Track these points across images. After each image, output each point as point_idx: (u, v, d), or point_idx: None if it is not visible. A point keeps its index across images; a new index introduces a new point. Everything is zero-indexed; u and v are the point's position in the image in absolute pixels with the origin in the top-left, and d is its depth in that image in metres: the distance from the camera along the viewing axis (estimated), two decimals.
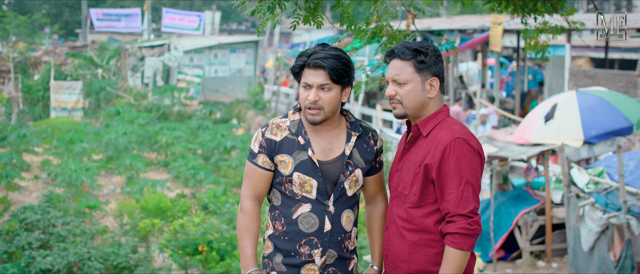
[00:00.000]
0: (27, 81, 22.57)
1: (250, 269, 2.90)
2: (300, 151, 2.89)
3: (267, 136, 2.92)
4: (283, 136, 2.91)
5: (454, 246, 2.70)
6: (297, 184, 2.88)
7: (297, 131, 2.91)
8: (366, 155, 2.98)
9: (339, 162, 2.91)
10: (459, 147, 2.71)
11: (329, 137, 2.94)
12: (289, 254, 2.90)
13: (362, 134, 2.98)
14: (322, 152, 2.91)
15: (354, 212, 2.98)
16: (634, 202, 6.60)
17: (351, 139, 2.95)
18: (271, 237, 2.96)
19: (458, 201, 2.70)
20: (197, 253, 8.69)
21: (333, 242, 2.91)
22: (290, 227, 2.90)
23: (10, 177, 12.51)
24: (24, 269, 8.23)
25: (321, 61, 2.81)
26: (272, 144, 2.90)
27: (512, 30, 15.10)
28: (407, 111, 2.84)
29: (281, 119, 2.96)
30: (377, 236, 3.07)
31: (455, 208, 2.70)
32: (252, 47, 25.63)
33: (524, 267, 8.70)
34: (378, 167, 3.05)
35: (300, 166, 2.87)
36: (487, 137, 10.01)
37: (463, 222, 2.69)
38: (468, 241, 2.69)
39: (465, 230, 2.68)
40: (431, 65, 2.81)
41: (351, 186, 2.93)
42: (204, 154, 15.17)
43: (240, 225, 2.94)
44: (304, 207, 2.89)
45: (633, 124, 9.11)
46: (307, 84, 2.85)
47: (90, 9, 31.59)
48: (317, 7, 3.53)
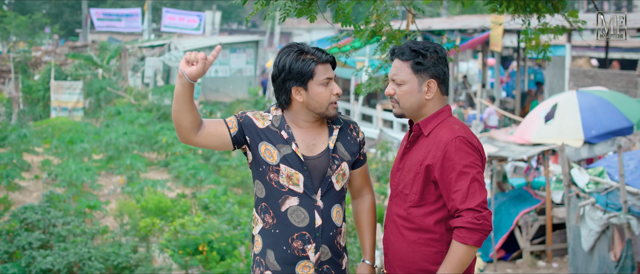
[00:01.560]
0: (27, 81, 22.57)
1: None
2: (283, 145, 2.87)
3: (248, 115, 2.91)
4: (265, 125, 2.90)
5: (458, 239, 2.65)
6: (284, 175, 2.85)
7: (280, 126, 2.90)
8: (350, 147, 2.97)
9: (324, 157, 2.90)
10: (460, 145, 2.71)
11: (312, 133, 2.92)
12: (281, 249, 2.86)
13: (343, 126, 2.98)
14: (307, 147, 2.90)
15: (342, 207, 2.96)
16: (634, 202, 6.60)
17: (333, 133, 2.94)
18: (262, 232, 2.91)
19: (465, 197, 2.66)
20: (197, 253, 8.68)
21: (325, 238, 2.88)
22: (280, 220, 2.87)
23: (10, 177, 12.51)
24: (24, 269, 8.23)
25: (327, 55, 2.88)
26: (250, 123, 2.89)
27: (513, 30, 15.11)
28: (404, 111, 2.85)
29: (264, 112, 2.95)
30: (367, 229, 3.04)
31: (462, 204, 2.66)
32: (252, 47, 25.63)
33: (524, 267, 8.70)
34: (362, 160, 3.04)
35: (286, 159, 2.85)
36: (487, 137, 10.02)
37: (470, 216, 2.64)
38: (474, 235, 2.63)
39: (472, 224, 2.63)
40: (430, 66, 2.80)
41: (338, 179, 2.92)
42: (205, 154, 15.17)
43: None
44: (292, 200, 2.86)
45: (633, 124, 9.11)
46: (329, 79, 2.86)
47: (91, 9, 31.59)
48: (312, 1, 3.51)
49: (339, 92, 2.87)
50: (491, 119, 13.68)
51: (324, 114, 2.88)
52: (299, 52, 2.85)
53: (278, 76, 2.87)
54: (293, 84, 2.85)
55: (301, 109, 2.90)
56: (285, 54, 2.86)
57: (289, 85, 2.86)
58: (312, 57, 2.84)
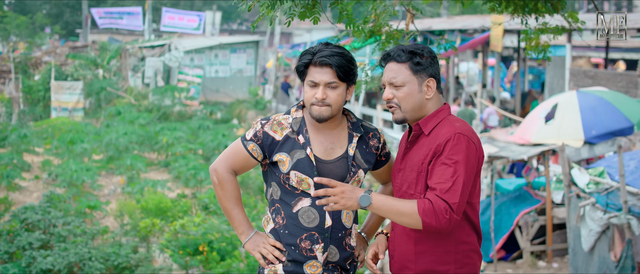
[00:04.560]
0: (27, 81, 22.58)
1: (251, 233, 2.96)
2: (298, 150, 2.88)
3: (266, 130, 2.91)
4: (284, 134, 2.90)
5: (420, 207, 2.61)
6: (294, 181, 2.88)
7: (299, 129, 2.91)
8: (366, 156, 2.99)
9: (342, 162, 2.92)
10: (459, 141, 2.70)
11: (331, 137, 2.94)
12: (290, 249, 2.90)
13: (363, 135, 2.99)
14: (325, 151, 2.91)
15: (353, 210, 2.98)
16: (634, 203, 6.59)
17: (353, 140, 2.95)
18: (272, 232, 2.96)
19: (447, 189, 2.63)
20: (197, 253, 8.69)
21: (334, 238, 2.91)
22: (290, 220, 2.90)
23: (10, 177, 12.52)
24: (24, 270, 8.23)
25: (328, 59, 2.82)
26: (269, 140, 2.90)
27: (513, 31, 15.09)
28: (406, 114, 2.82)
29: (283, 116, 2.95)
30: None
31: (442, 194, 2.63)
32: (252, 47, 25.63)
33: (524, 267, 8.69)
34: (384, 160, 3.07)
35: (297, 165, 2.87)
36: (487, 137, 10.01)
37: (443, 204, 2.61)
38: (432, 221, 2.61)
39: (441, 214, 2.60)
40: (427, 66, 2.80)
41: (353, 185, 2.92)
42: (205, 155, 15.17)
43: (228, 193, 2.95)
44: (304, 201, 2.89)
45: (634, 124, 9.11)
46: (314, 82, 2.85)
47: (92, 9, 31.65)
48: (315, 4, 3.52)
49: (319, 98, 2.83)
50: (491, 119, 13.68)
51: (310, 113, 2.90)
52: (309, 49, 2.90)
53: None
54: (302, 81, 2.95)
55: None
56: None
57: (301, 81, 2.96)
58: (310, 56, 2.87)
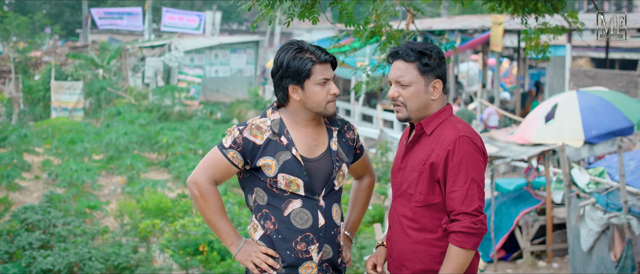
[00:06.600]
0: (27, 81, 22.58)
1: (241, 243, 2.89)
2: (283, 151, 2.85)
3: (246, 135, 2.85)
4: (265, 138, 2.86)
5: (457, 244, 2.68)
6: (283, 184, 2.84)
7: (280, 131, 2.87)
8: (346, 149, 2.99)
9: (326, 158, 2.90)
10: (463, 145, 2.71)
11: (312, 134, 2.92)
12: (285, 253, 2.86)
13: (340, 128, 2.99)
14: (309, 149, 2.89)
15: (340, 206, 2.98)
16: (634, 203, 6.60)
17: (333, 134, 2.95)
18: (263, 238, 2.89)
19: (463, 199, 2.68)
20: (197, 253, 8.69)
21: (327, 237, 2.90)
22: (282, 224, 2.86)
23: (11, 177, 12.52)
24: (24, 270, 8.24)
25: (329, 56, 2.86)
26: (250, 145, 2.84)
27: (513, 30, 15.10)
28: (411, 113, 2.82)
29: (260, 119, 2.91)
30: (357, 204, 3.16)
31: (460, 206, 2.69)
32: (252, 47, 25.63)
33: (524, 267, 8.70)
34: (359, 153, 3.08)
35: (285, 167, 2.83)
36: (487, 137, 10.01)
37: (467, 221, 2.67)
38: (472, 239, 2.68)
39: (469, 229, 2.67)
40: (435, 67, 2.80)
41: (339, 179, 2.94)
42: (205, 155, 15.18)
43: (211, 205, 2.88)
44: (295, 203, 2.86)
45: (634, 124, 9.11)
46: (326, 79, 2.84)
47: (92, 9, 31.63)
48: (314, 3, 3.51)
49: (336, 92, 2.86)
50: (491, 119, 13.69)
51: (322, 113, 2.87)
52: (298, 50, 2.84)
53: (276, 72, 2.87)
54: (290, 82, 2.84)
55: (299, 107, 2.89)
56: (284, 51, 2.85)
57: (286, 83, 2.85)
58: (310, 56, 2.82)
